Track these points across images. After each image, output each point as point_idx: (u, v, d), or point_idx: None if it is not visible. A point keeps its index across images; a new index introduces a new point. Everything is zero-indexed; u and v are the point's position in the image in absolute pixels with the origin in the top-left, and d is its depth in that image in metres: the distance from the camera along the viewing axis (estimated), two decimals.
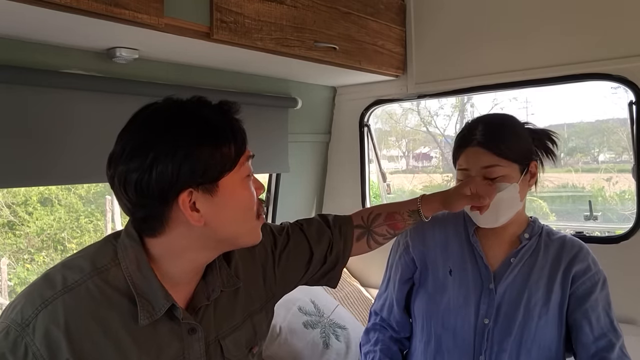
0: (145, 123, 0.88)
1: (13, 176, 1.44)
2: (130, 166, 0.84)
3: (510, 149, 1.22)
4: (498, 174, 1.21)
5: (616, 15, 1.75)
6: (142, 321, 0.87)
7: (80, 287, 0.85)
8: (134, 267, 0.89)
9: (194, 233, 0.89)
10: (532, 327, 1.24)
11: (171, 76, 1.75)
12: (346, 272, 2.50)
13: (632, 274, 1.78)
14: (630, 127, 1.79)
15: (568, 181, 3.07)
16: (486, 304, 1.27)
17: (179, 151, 0.84)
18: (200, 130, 0.86)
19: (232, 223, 0.91)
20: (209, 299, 0.98)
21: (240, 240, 0.96)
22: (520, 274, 1.28)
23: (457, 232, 1.36)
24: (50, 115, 1.48)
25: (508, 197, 1.22)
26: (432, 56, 2.15)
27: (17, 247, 3.15)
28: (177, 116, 0.88)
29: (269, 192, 2.38)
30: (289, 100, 2.19)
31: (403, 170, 4.05)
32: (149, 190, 0.84)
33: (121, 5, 1.19)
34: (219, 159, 0.87)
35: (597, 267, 1.28)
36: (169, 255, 0.91)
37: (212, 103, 0.93)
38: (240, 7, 1.48)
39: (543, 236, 1.32)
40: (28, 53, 1.41)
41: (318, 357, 1.84)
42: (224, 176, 0.88)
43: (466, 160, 1.25)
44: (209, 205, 0.88)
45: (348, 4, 1.86)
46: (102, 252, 0.91)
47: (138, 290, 0.88)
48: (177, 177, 0.84)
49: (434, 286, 1.34)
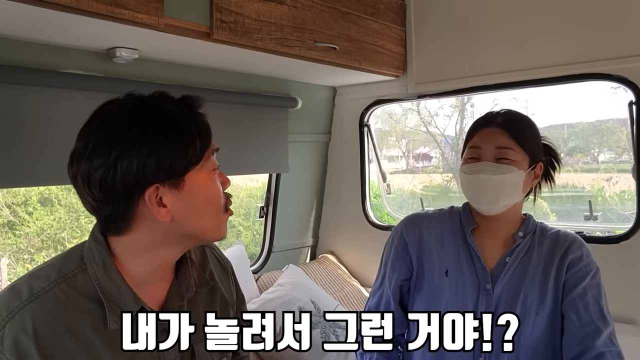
0: (108, 119, 0.86)
1: (13, 176, 1.44)
2: (94, 163, 0.83)
3: (527, 138, 1.25)
4: (509, 157, 1.23)
5: (616, 16, 1.75)
6: (111, 325, 0.86)
7: (47, 295, 0.85)
8: (101, 270, 0.88)
9: (160, 229, 0.89)
10: (529, 326, 1.24)
11: (171, 76, 1.76)
12: (346, 272, 2.50)
13: (632, 274, 1.78)
14: (630, 127, 1.79)
15: (568, 181, 3.07)
16: (484, 304, 1.27)
17: (143, 147, 0.83)
18: (165, 125, 0.85)
19: (199, 217, 0.91)
20: (183, 299, 0.97)
21: (206, 235, 0.95)
22: (516, 273, 1.28)
23: (454, 232, 1.35)
24: (51, 115, 1.48)
25: (512, 182, 1.23)
26: (432, 56, 2.15)
27: (17, 247, 3.15)
28: (141, 112, 0.87)
29: (269, 192, 2.38)
30: (289, 100, 2.19)
31: (403, 170, 4.05)
32: (114, 187, 0.83)
33: (121, 5, 1.19)
34: (184, 154, 0.86)
35: (589, 259, 1.28)
36: (135, 253, 0.90)
37: (174, 98, 0.91)
38: (240, 7, 1.48)
39: (537, 233, 1.32)
40: (28, 53, 1.41)
41: (318, 357, 1.84)
42: (189, 171, 0.87)
43: (482, 139, 1.26)
44: (176, 200, 0.87)
45: (348, 4, 1.86)
46: (68, 259, 0.90)
47: (106, 294, 0.87)
48: (142, 173, 0.83)
49: (430, 289, 1.33)
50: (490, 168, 1.23)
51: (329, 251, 2.60)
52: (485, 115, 1.31)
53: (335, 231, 2.60)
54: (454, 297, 1.29)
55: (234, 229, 3.73)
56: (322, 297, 2.09)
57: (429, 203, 3.26)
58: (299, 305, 1.95)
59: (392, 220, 2.66)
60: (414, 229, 1.39)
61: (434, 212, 1.42)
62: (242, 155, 2.06)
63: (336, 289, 2.32)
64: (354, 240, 2.54)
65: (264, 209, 2.38)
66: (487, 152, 1.25)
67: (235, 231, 3.71)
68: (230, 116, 2.00)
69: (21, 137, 1.44)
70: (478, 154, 1.26)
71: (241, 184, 3.83)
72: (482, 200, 1.27)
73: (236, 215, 3.75)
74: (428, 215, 1.42)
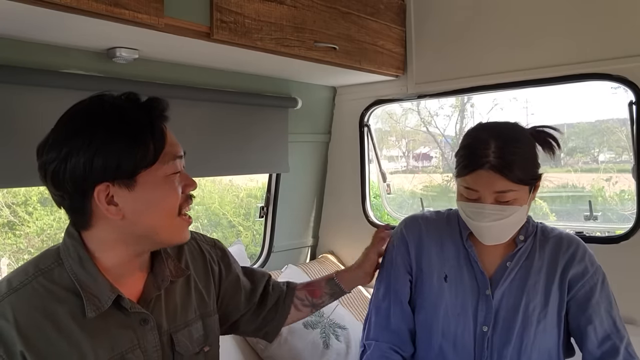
0: (68, 118, 0.92)
1: (13, 176, 1.44)
2: (49, 157, 0.88)
3: (524, 172, 1.15)
4: (510, 198, 1.15)
5: (616, 15, 1.75)
6: (89, 314, 0.89)
7: (25, 287, 0.89)
8: (77, 264, 0.92)
9: (115, 227, 0.92)
10: (531, 333, 1.22)
11: (171, 76, 1.75)
12: None
13: (632, 274, 1.78)
14: (630, 127, 1.79)
15: (568, 181, 3.07)
16: (484, 310, 1.24)
17: (92, 145, 0.86)
18: (116, 126, 0.89)
19: (150, 218, 0.93)
20: (160, 288, 1.01)
21: (161, 237, 0.97)
22: (517, 278, 1.25)
23: (453, 236, 1.31)
24: (51, 115, 1.47)
25: (517, 219, 1.19)
26: (432, 56, 2.15)
27: (17, 247, 3.15)
28: (96, 112, 0.90)
29: (269, 192, 2.38)
30: (289, 100, 2.19)
31: (403, 170, 4.05)
32: (64, 182, 0.88)
33: (121, 5, 1.19)
34: (133, 154, 0.89)
35: (594, 267, 1.24)
36: (103, 248, 0.94)
37: (140, 100, 0.94)
38: (240, 7, 1.48)
39: (538, 235, 1.28)
40: (28, 53, 1.41)
41: (318, 357, 1.84)
42: (140, 172, 0.90)
43: (477, 182, 1.16)
44: (127, 199, 0.90)
45: (348, 4, 1.86)
46: (45, 255, 0.95)
47: (83, 286, 0.91)
48: (89, 170, 0.87)
49: (430, 295, 1.30)
50: (493, 212, 1.15)
51: (329, 251, 2.60)
52: (472, 148, 1.17)
53: (335, 231, 2.60)
54: (454, 302, 1.27)
55: (234, 229, 3.73)
56: None
57: (429, 203, 3.26)
58: None
59: (392, 220, 2.66)
60: (414, 230, 1.36)
61: (432, 215, 1.38)
62: (242, 155, 2.06)
63: None
64: (354, 240, 2.53)
65: (264, 209, 2.38)
66: (485, 195, 1.15)
67: (235, 231, 3.71)
68: (230, 116, 2.00)
69: (21, 137, 1.44)
70: (476, 196, 1.17)
71: (241, 184, 3.83)
72: (487, 240, 1.22)
73: (236, 215, 3.75)
74: (427, 217, 1.38)
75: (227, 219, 3.75)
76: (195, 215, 3.65)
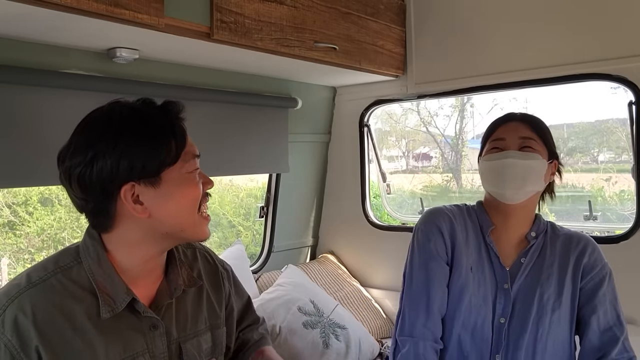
0: (90, 123, 0.95)
1: (13, 176, 1.44)
2: (74, 161, 0.90)
3: (545, 132, 1.32)
4: (532, 146, 1.28)
5: (616, 15, 1.75)
6: (103, 314, 0.91)
7: (44, 283, 0.91)
8: (95, 264, 0.94)
9: (141, 225, 0.94)
10: (546, 322, 1.27)
11: (171, 76, 1.76)
12: (346, 272, 2.50)
13: (632, 274, 1.78)
14: (630, 127, 1.79)
15: (568, 181, 3.07)
16: (502, 303, 1.29)
17: (117, 148, 0.89)
18: (139, 128, 0.92)
19: (175, 214, 0.96)
20: (172, 296, 1.02)
21: (185, 233, 0.99)
22: (532, 272, 1.31)
23: (475, 230, 1.36)
24: (51, 115, 1.48)
25: (537, 168, 1.27)
26: (432, 56, 2.15)
27: (17, 247, 3.15)
28: (118, 116, 0.93)
29: (269, 192, 2.38)
30: (289, 100, 2.19)
31: (403, 170, 4.05)
32: (91, 184, 0.90)
33: (121, 5, 1.19)
34: (157, 154, 0.92)
35: (603, 261, 1.31)
36: (123, 248, 0.96)
37: (156, 104, 0.98)
38: (240, 8, 1.48)
39: (549, 232, 1.35)
40: (28, 53, 1.41)
41: (318, 357, 1.85)
42: (164, 170, 0.93)
43: (505, 131, 1.31)
44: (153, 197, 0.93)
45: (348, 4, 1.86)
46: (64, 253, 0.97)
47: (100, 286, 0.93)
48: (116, 171, 0.89)
49: (457, 285, 1.32)
50: (516, 154, 1.27)
51: (329, 251, 2.60)
52: (504, 115, 1.37)
53: (335, 231, 2.60)
54: (477, 293, 1.31)
55: (234, 229, 3.73)
56: (321, 297, 2.09)
57: (429, 203, 3.26)
58: (298, 304, 1.95)
59: (392, 220, 2.66)
60: (445, 218, 1.36)
61: (454, 208, 1.40)
62: (242, 155, 2.06)
63: (336, 289, 2.33)
64: (354, 240, 2.54)
65: (264, 209, 2.38)
66: (511, 142, 1.29)
67: (235, 231, 3.71)
68: (231, 116, 2.01)
69: (21, 137, 1.44)
70: (502, 145, 1.30)
71: (241, 184, 3.84)
72: (508, 184, 1.27)
73: (236, 215, 3.75)
74: (452, 209, 1.39)
75: (227, 219, 3.75)
76: None
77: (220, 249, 2.46)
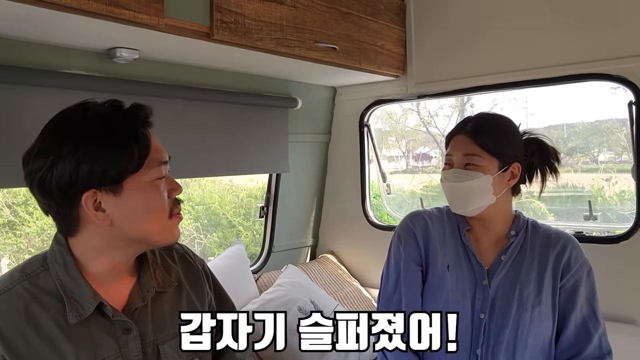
0: (53, 126, 0.93)
1: (13, 176, 1.44)
2: (35, 166, 0.90)
3: (493, 143, 1.30)
4: (475, 163, 1.29)
5: (616, 16, 1.75)
6: (71, 320, 0.90)
7: (10, 292, 0.90)
8: (62, 269, 0.93)
9: (104, 232, 0.93)
10: (527, 318, 1.28)
11: (171, 76, 1.76)
12: (346, 272, 2.50)
13: (632, 274, 1.78)
14: (630, 127, 1.79)
15: (567, 181, 3.07)
16: (481, 299, 1.31)
17: (77, 153, 0.87)
18: (100, 134, 0.90)
19: (139, 222, 0.94)
20: (144, 299, 1.01)
21: (152, 239, 0.98)
22: (512, 269, 1.33)
23: (452, 230, 1.40)
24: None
25: (478, 187, 1.29)
26: (432, 56, 2.15)
27: (17, 247, 3.14)
28: (81, 120, 0.91)
29: (269, 192, 2.38)
30: (289, 100, 2.19)
31: (403, 170, 4.05)
32: (50, 190, 0.89)
33: (121, 5, 1.19)
34: (120, 161, 0.90)
35: (582, 259, 1.33)
36: (89, 254, 0.95)
37: (123, 107, 0.95)
38: (240, 8, 1.48)
39: (529, 230, 1.37)
40: (28, 53, 1.41)
41: (318, 357, 1.84)
42: (126, 177, 0.91)
43: (452, 146, 1.34)
44: (115, 205, 0.91)
45: (348, 4, 1.86)
46: (32, 261, 0.96)
47: (67, 292, 0.92)
48: (75, 177, 0.88)
49: (433, 282, 1.37)
50: (456, 175, 1.31)
51: (329, 251, 2.60)
52: (459, 123, 1.38)
53: (335, 231, 2.60)
54: (455, 290, 1.34)
55: (234, 229, 3.73)
56: (321, 297, 2.09)
57: (429, 203, 3.26)
58: (298, 304, 1.95)
59: (392, 220, 2.66)
60: (419, 222, 1.43)
61: (434, 211, 1.47)
62: (242, 155, 2.06)
63: (336, 289, 2.33)
64: (354, 240, 2.54)
65: (264, 209, 2.38)
66: (456, 159, 1.33)
67: (236, 231, 3.71)
68: (231, 116, 2.01)
69: (21, 137, 1.43)
70: (450, 161, 1.34)
71: (241, 184, 3.83)
72: (453, 204, 1.36)
73: (236, 215, 3.75)
74: (430, 212, 1.46)
75: (227, 219, 3.75)
76: (195, 215, 3.65)
77: (220, 249, 2.46)
